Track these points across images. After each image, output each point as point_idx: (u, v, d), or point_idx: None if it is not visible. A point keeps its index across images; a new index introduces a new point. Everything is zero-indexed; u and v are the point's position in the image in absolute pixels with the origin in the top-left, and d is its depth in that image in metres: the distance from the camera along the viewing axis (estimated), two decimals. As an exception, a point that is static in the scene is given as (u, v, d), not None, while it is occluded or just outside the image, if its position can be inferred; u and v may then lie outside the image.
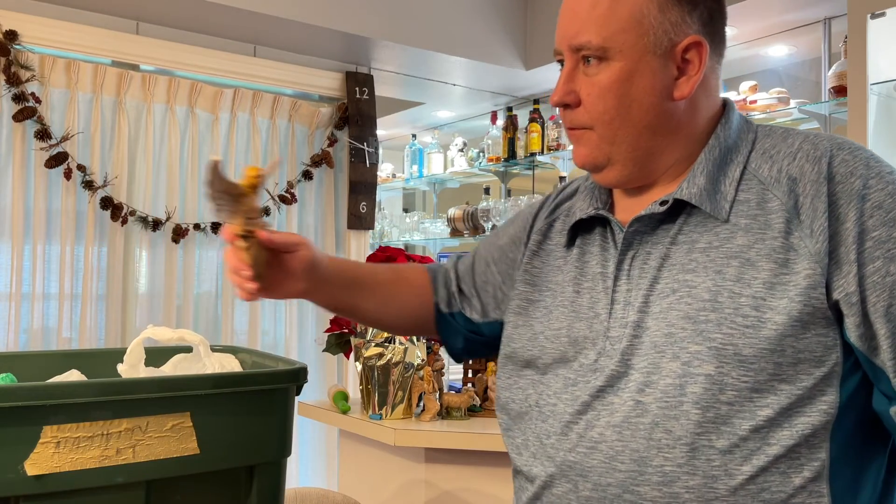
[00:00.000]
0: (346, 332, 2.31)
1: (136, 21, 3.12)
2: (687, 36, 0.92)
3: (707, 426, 0.85)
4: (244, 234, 1.03)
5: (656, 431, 0.87)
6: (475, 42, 3.55)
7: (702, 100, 0.96)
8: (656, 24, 0.92)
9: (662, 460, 0.86)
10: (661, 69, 0.93)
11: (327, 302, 1.18)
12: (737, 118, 0.98)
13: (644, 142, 0.95)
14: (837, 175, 0.87)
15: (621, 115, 0.94)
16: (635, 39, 0.92)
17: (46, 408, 1.00)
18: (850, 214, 0.85)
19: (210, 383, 1.14)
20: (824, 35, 2.95)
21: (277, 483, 1.24)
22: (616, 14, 0.92)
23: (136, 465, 1.07)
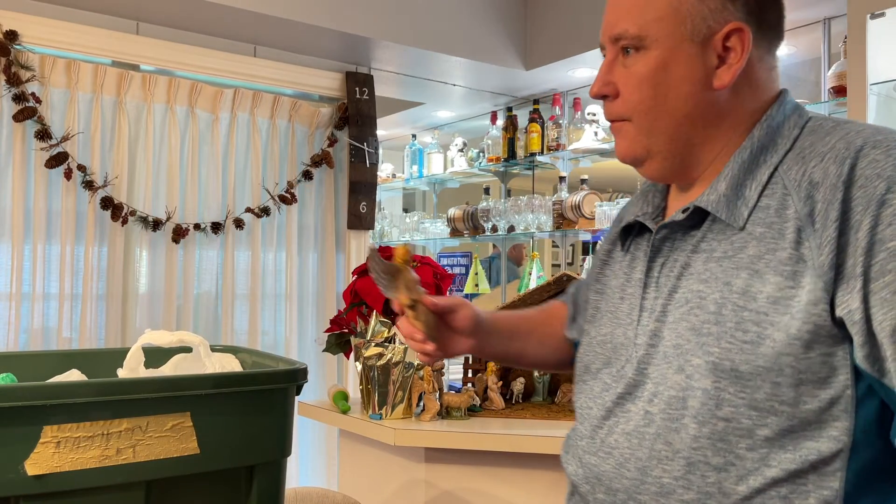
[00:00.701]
0: (346, 332, 2.31)
1: (136, 21, 3.12)
2: (728, 23, 0.89)
3: (703, 441, 0.83)
4: (410, 303, 1.15)
5: (658, 442, 0.86)
6: (475, 42, 3.55)
7: (745, 91, 0.91)
8: (694, 11, 0.89)
9: (661, 472, 0.86)
10: (700, 57, 0.89)
11: (495, 353, 1.23)
12: (786, 113, 0.92)
13: (683, 133, 0.92)
14: (861, 178, 0.79)
15: (658, 104, 0.91)
16: (672, 28, 0.89)
17: (46, 408, 1.01)
18: (864, 223, 0.77)
19: (210, 383, 1.14)
20: (824, 35, 2.95)
21: (277, 483, 1.24)
22: (653, 3, 0.90)
23: (136, 465, 1.07)
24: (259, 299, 3.39)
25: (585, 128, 3.76)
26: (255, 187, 3.40)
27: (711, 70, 0.90)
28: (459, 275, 4.45)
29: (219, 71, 3.28)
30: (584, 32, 3.42)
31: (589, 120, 3.78)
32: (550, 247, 5.63)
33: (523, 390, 2.34)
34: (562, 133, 3.85)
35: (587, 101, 3.94)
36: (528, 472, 1.99)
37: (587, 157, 3.95)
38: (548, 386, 2.37)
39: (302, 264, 3.56)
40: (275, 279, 3.48)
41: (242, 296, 3.38)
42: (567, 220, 3.79)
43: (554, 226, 3.86)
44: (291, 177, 3.49)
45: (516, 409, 2.24)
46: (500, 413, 2.20)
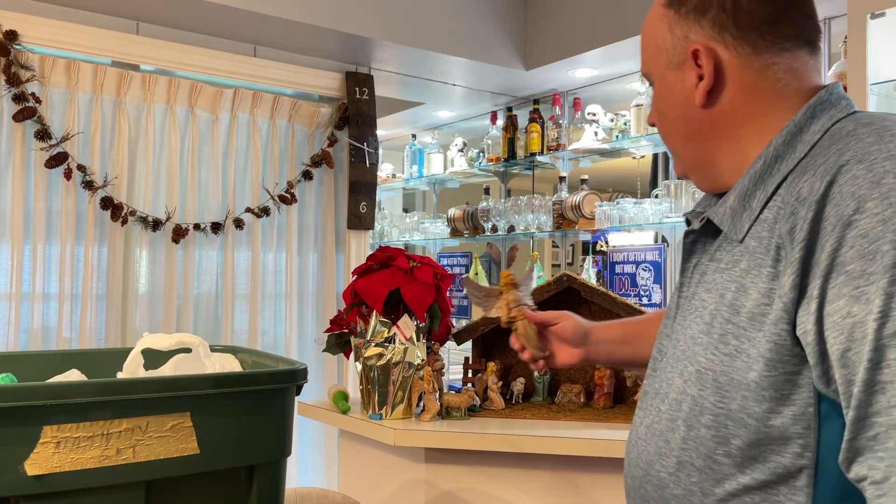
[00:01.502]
0: (346, 332, 2.31)
1: (136, 21, 3.12)
2: (691, 45, 0.94)
3: (690, 444, 0.88)
4: (509, 321, 1.34)
5: (661, 440, 0.92)
6: (475, 42, 3.55)
7: (740, 98, 0.92)
8: (667, 42, 0.96)
9: (660, 467, 0.92)
10: (680, 82, 0.96)
11: (608, 359, 1.36)
12: (812, 115, 0.89)
13: (690, 150, 0.99)
14: (836, 196, 0.77)
15: (665, 129, 1.01)
16: (657, 60, 0.98)
17: (46, 408, 1.01)
18: (828, 244, 0.76)
19: (210, 383, 1.14)
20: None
21: (277, 483, 1.24)
22: (645, 43, 1.01)
23: (136, 465, 1.07)
24: (259, 299, 3.39)
25: (585, 128, 3.76)
26: (255, 187, 3.40)
27: (692, 91, 0.95)
28: (459, 275, 4.45)
29: (219, 71, 3.28)
30: (584, 32, 3.42)
31: (589, 120, 3.78)
32: (550, 247, 5.63)
33: (523, 390, 2.34)
34: (562, 133, 3.85)
35: (587, 100, 3.94)
36: (528, 472, 1.99)
37: (587, 157, 3.95)
38: (548, 386, 2.37)
39: (302, 264, 3.56)
40: (275, 279, 3.48)
41: (242, 296, 3.39)
42: (567, 220, 3.79)
43: (554, 226, 3.86)
44: (291, 177, 3.50)
45: (516, 409, 2.24)
46: (500, 413, 2.20)
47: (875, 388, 0.72)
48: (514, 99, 4.22)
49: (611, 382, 2.27)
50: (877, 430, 0.72)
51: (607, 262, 3.65)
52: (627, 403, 2.29)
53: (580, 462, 1.95)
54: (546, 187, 4.38)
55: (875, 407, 0.72)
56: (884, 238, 0.72)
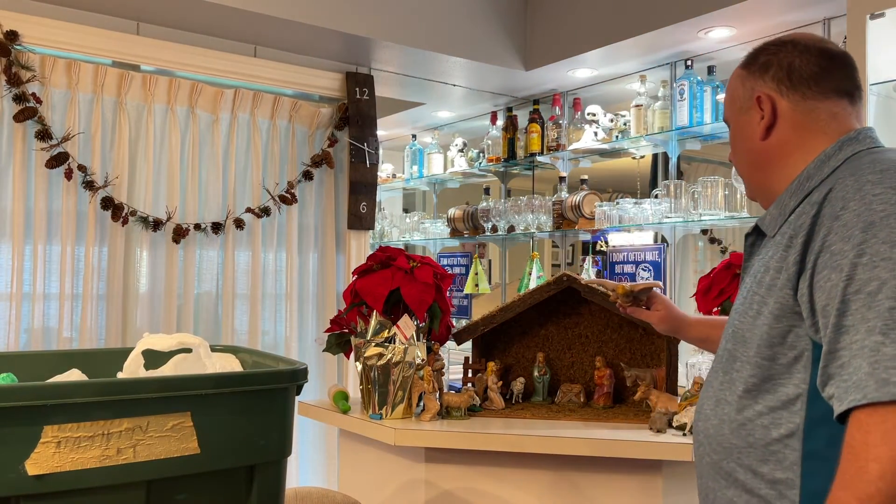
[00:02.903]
0: (346, 332, 2.32)
1: (136, 21, 3.12)
2: (755, 93, 1.25)
3: (724, 385, 1.20)
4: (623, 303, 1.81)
5: (708, 388, 1.25)
6: (475, 42, 3.55)
7: (789, 134, 1.22)
8: (741, 93, 1.29)
9: (709, 404, 1.23)
10: (747, 122, 1.27)
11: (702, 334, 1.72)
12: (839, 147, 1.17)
13: (755, 178, 1.30)
14: (831, 199, 1.07)
15: (737, 161, 1.34)
16: (733, 108, 1.31)
17: (47, 408, 1.01)
18: (821, 232, 1.06)
19: (211, 383, 1.15)
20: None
21: (277, 483, 1.25)
22: (727, 97, 1.34)
23: (136, 465, 1.07)
24: (259, 299, 3.39)
25: (585, 128, 3.76)
26: (256, 187, 3.40)
27: (756, 128, 1.26)
28: (459, 275, 4.45)
29: (219, 71, 3.28)
30: (584, 33, 3.42)
31: (589, 120, 3.78)
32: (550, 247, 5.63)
33: (523, 390, 2.34)
34: (562, 133, 3.85)
35: (587, 101, 3.94)
36: (528, 472, 1.99)
37: (587, 158, 3.95)
38: (548, 386, 2.37)
39: (302, 264, 3.57)
40: (275, 279, 3.48)
41: (243, 296, 3.39)
42: (567, 220, 3.79)
43: (554, 226, 3.86)
44: (291, 177, 3.50)
45: (516, 409, 2.24)
46: (500, 413, 2.20)
47: (841, 330, 1.00)
48: (514, 99, 4.22)
49: (611, 382, 2.27)
50: (842, 361, 0.99)
51: (607, 262, 3.65)
52: (627, 403, 2.29)
53: (580, 462, 1.95)
54: (546, 187, 4.38)
55: (841, 343, 1.00)
56: (856, 226, 1.02)
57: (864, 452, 0.94)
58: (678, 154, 3.46)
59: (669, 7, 3.04)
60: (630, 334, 2.32)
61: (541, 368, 2.36)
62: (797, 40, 1.25)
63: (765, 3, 2.81)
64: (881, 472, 0.92)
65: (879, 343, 0.95)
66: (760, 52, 1.28)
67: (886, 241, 0.99)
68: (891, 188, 1.03)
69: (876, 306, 0.97)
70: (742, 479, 1.14)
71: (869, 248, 0.99)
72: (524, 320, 2.43)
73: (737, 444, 1.15)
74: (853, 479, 0.94)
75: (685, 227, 3.34)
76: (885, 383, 0.93)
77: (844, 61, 1.23)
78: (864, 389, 0.95)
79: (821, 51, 1.23)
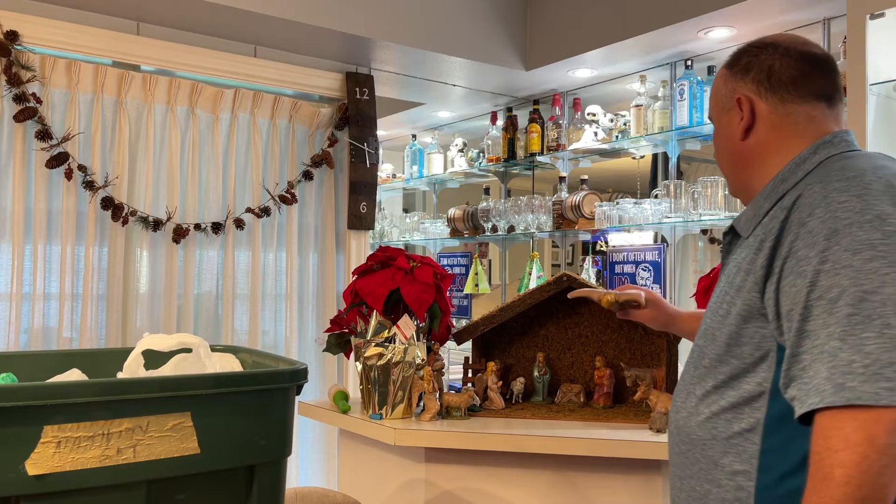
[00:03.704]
0: (346, 332, 2.32)
1: (136, 21, 3.12)
2: (735, 94, 1.28)
3: (695, 380, 1.25)
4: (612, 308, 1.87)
5: (682, 382, 1.30)
6: (475, 42, 3.56)
7: (767, 134, 1.26)
8: (722, 93, 1.32)
9: (680, 397, 1.29)
10: (729, 122, 1.30)
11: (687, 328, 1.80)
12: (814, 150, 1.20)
13: (736, 176, 1.33)
14: (799, 205, 1.11)
15: (719, 160, 1.37)
16: (715, 107, 1.34)
17: (47, 408, 1.01)
18: (788, 238, 1.10)
19: (211, 383, 1.15)
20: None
21: (277, 482, 1.25)
22: (711, 96, 1.36)
23: (136, 465, 1.07)
24: (259, 299, 3.39)
25: (585, 128, 3.76)
26: (256, 187, 3.40)
27: (736, 128, 1.28)
28: (459, 275, 4.45)
29: (219, 71, 3.28)
30: (584, 33, 3.42)
31: (589, 120, 3.78)
32: (550, 247, 5.63)
33: (523, 390, 2.35)
34: (562, 133, 3.85)
35: (587, 101, 3.94)
36: (528, 472, 1.99)
37: (587, 158, 3.95)
38: (548, 386, 2.37)
39: (302, 264, 3.57)
40: (275, 279, 3.48)
41: (243, 296, 3.39)
42: (567, 220, 3.79)
43: (554, 226, 3.86)
44: (292, 177, 3.50)
45: (516, 409, 2.24)
46: (500, 413, 2.20)
47: (803, 334, 1.04)
48: (514, 99, 4.22)
49: (610, 382, 2.28)
50: (803, 364, 1.03)
51: (607, 262, 3.65)
52: (627, 403, 2.29)
53: (580, 462, 1.95)
54: (546, 187, 4.38)
55: (803, 347, 1.03)
56: (821, 233, 1.05)
57: (829, 458, 0.96)
58: (678, 154, 3.46)
59: (669, 7, 3.04)
60: (630, 334, 2.32)
61: (541, 368, 2.36)
62: (779, 43, 1.27)
63: (765, 3, 2.81)
64: (846, 477, 0.94)
65: (837, 349, 0.98)
66: (743, 52, 1.30)
67: (848, 248, 1.01)
68: (856, 196, 1.05)
69: (836, 312, 1.00)
70: (705, 469, 1.20)
71: (832, 255, 1.02)
72: (524, 320, 2.44)
73: (702, 436, 1.21)
74: (821, 486, 0.97)
75: (685, 227, 3.35)
76: (841, 388, 0.96)
77: (825, 65, 1.25)
78: (821, 393, 0.98)
79: (801, 54, 1.24)
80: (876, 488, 0.94)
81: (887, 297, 0.98)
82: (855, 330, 0.98)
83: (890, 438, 0.94)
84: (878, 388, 0.95)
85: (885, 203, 1.04)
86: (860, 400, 0.95)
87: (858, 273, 1.00)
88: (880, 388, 0.95)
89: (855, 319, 0.98)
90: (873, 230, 1.02)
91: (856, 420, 0.95)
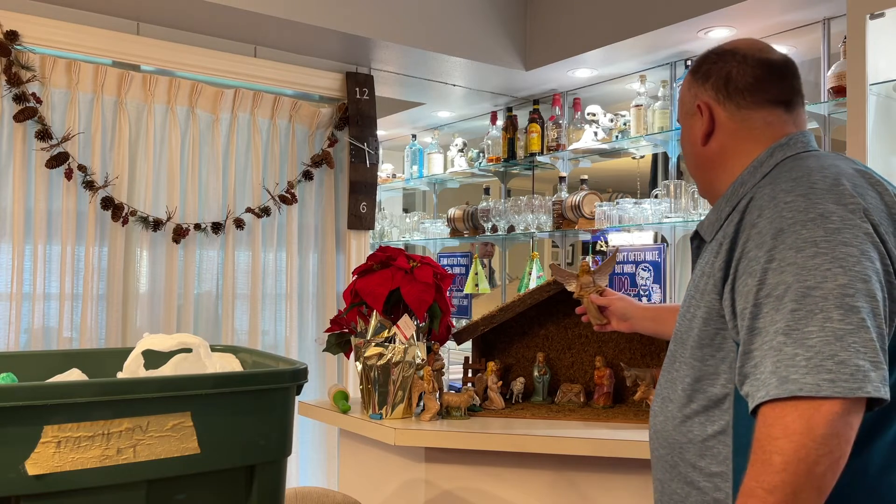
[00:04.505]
0: (346, 332, 2.32)
1: (136, 21, 3.12)
2: (697, 100, 1.33)
3: (668, 384, 1.29)
4: (579, 296, 1.97)
5: (659, 387, 1.33)
6: (475, 42, 3.56)
7: (727, 139, 1.30)
8: (686, 98, 1.37)
9: (657, 401, 1.32)
10: (691, 127, 1.35)
11: (645, 331, 1.89)
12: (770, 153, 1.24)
13: (701, 178, 1.38)
14: (751, 208, 1.15)
15: (687, 162, 1.42)
16: (681, 111, 1.39)
17: (47, 407, 1.01)
18: (741, 239, 1.14)
19: (211, 383, 1.15)
20: (823, 35, 2.95)
21: (278, 482, 1.25)
22: (679, 100, 1.41)
23: (136, 465, 1.07)
24: (259, 299, 3.39)
25: (585, 128, 3.76)
26: (256, 187, 3.40)
27: (697, 133, 1.34)
28: (459, 275, 4.45)
29: (219, 71, 3.28)
30: (584, 33, 3.42)
31: (589, 120, 3.78)
32: (550, 247, 5.63)
33: (523, 390, 2.35)
34: (562, 133, 3.85)
35: (587, 101, 3.94)
36: (528, 472, 1.99)
37: (587, 158, 3.95)
38: (548, 386, 2.37)
39: (302, 264, 3.57)
40: (275, 279, 3.48)
41: (243, 296, 3.39)
42: (567, 220, 3.79)
43: (554, 226, 3.86)
44: (292, 177, 3.50)
45: (516, 409, 2.24)
46: (500, 413, 2.20)
47: (754, 331, 1.07)
48: (514, 99, 4.22)
49: (610, 382, 2.28)
50: (755, 361, 1.06)
51: (607, 262, 3.64)
52: (627, 403, 2.29)
53: (580, 462, 1.95)
54: (546, 187, 4.38)
55: (754, 344, 1.07)
56: (768, 233, 1.09)
57: (769, 445, 1.00)
58: (678, 154, 3.46)
59: (669, 7, 3.04)
60: (630, 334, 2.32)
61: (541, 368, 2.36)
62: (738, 50, 1.31)
63: (765, 3, 2.81)
64: (784, 463, 0.98)
65: (782, 343, 1.02)
66: (704, 59, 1.35)
67: (793, 246, 1.05)
68: (801, 196, 1.08)
69: (782, 308, 1.03)
70: (684, 472, 1.23)
71: (778, 253, 1.06)
72: (524, 320, 2.44)
73: (679, 439, 1.23)
74: (760, 471, 1.01)
75: (685, 227, 3.35)
76: (785, 381, 1.00)
77: (782, 71, 1.28)
78: (767, 387, 1.02)
79: (758, 61, 1.28)
80: (812, 477, 0.97)
81: (828, 292, 1.01)
82: (798, 324, 1.02)
83: (828, 429, 0.97)
84: (818, 380, 0.98)
85: (828, 202, 1.07)
86: (801, 391, 0.98)
87: (802, 270, 1.03)
88: (821, 379, 0.98)
89: (798, 314, 1.02)
90: (816, 228, 1.05)
91: (796, 410, 0.98)
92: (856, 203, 1.08)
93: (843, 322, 1.00)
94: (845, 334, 0.99)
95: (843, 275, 1.02)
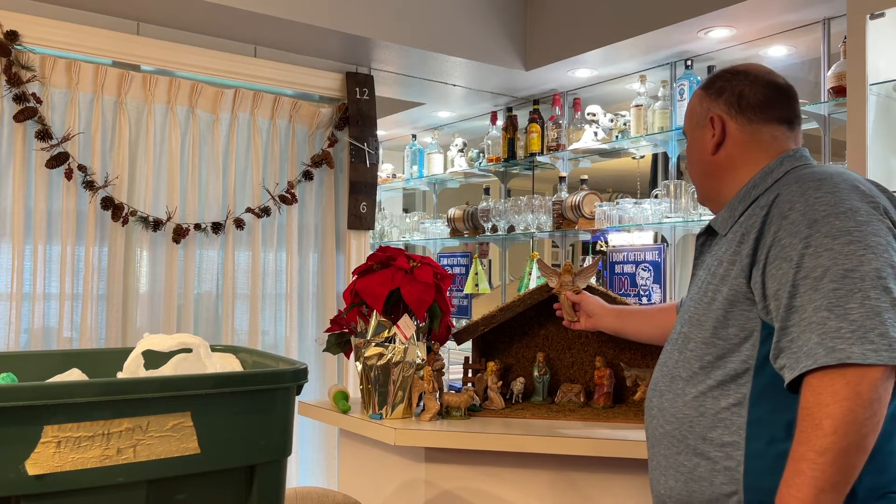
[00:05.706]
0: (346, 332, 2.32)
1: (136, 21, 3.12)
2: (709, 113, 1.47)
3: (680, 364, 1.39)
4: (557, 293, 2.11)
5: (663, 367, 1.44)
6: (475, 42, 3.56)
7: (737, 151, 1.44)
8: (697, 110, 1.51)
9: (664, 381, 1.42)
10: (701, 137, 1.49)
11: (617, 329, 2.02)
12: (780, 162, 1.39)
13: (706, 185, 1.52)
14: (779, 202, 1.28)
15: (691, 170, 1.56)
16: (690, 122, 1.53)
17: (47, 407, 1.01)
18: (770, 229, 1.26)
19: (211, 383, 1.15)
20: (823, 35, 2.95)
21: (278, 482, 1.25)
22: (687, 112, 1.55)
23: (136, 465, 1.07)
24: (259, 299, 3.39)
25: (585, 128, 3.76)
26: (256, 187, 3.40)
27: (708, 143, 1.47)
28: (459, 275, 4.45)
29: (219, 71, 3.28)
30: (584, 33, 3.42)
31: (589, 120, 3.78)
32: (550, 247, 5.63)
33: (523, 390, 2.35)
34: (562, 133, 3.85)
35: (587, 101, 3.94)
36: (528, 472, 1.99)
37: (587, 158, 3.95)
38: (548, 386, 2.37)
39: (302, 264, 3.57)
40: (275, 279, 3.48)
41: (243, 296, 3.39)
42: (567, 220, 3.79)
43: (554, 226, 3.86)
44: (292, 177, 3.50)
45: (516, 409, 2.24)
46: (500, 413, 2.20)
47: (792, 310, 1.19)
48: (514, 99, 4.22)
49: (610, 382, 2.28)
50: (792, 336, 1.18)
51: (607, 262, 3.65)
52: (627, 403, 2.29)
53: (580, 462, 1.95)
54: (546, 187, 4.38)
55: (791, 321, 1.18)
56: (802, 223, 1.22)
57: (818, 411, 1.11)
58: (678, 154, 3.46)
59: (669, 7, 3.04)
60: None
61: (541, 368, 2.36)
62: (749, 71, 1.47)
63: (765, 3, 2.81)
64: (834, 427, 1.09)
65: (825, 318, 1.14)
66: (718, 77, 1.49)
67: (828, 234, 1.18)
68: (829, 193, 1.23)
69: (821, 288, 1.16)
70: (693, 444, 1.32)
71: (814, 240, 1.19)
72: (524, 320, 2.43)
73: (689, 413, 1.33)
74: (810, 435, 1.11)
75: (685, 227, 3.35)
76: (833, 350, 1.11)
77: (787, 94, 1.45)
78: (814, 356, 1.13)
79: (768, 83, 1.45)
80: (858, 437, 1.09)
81: (864, 274, 1.14)
82: (840, 301, 1.14)
83: (873, 394, 1.09)
84: (864, 350, 1.10)
85: (854, 199, 1.22)
86: (850, 359, 1.10)
87: (838, 255, 1.16)
88: (866, 349, 1.10)
89: (839, 293, 1.14)
90: (848, 220, 1.19)
91: (844, 378, 1.10)
92: (875, 202, 1.23)
93: (880, 300, 1.12)
94: (882, 311, 1.12)
95: (875, 260, 1.15)
